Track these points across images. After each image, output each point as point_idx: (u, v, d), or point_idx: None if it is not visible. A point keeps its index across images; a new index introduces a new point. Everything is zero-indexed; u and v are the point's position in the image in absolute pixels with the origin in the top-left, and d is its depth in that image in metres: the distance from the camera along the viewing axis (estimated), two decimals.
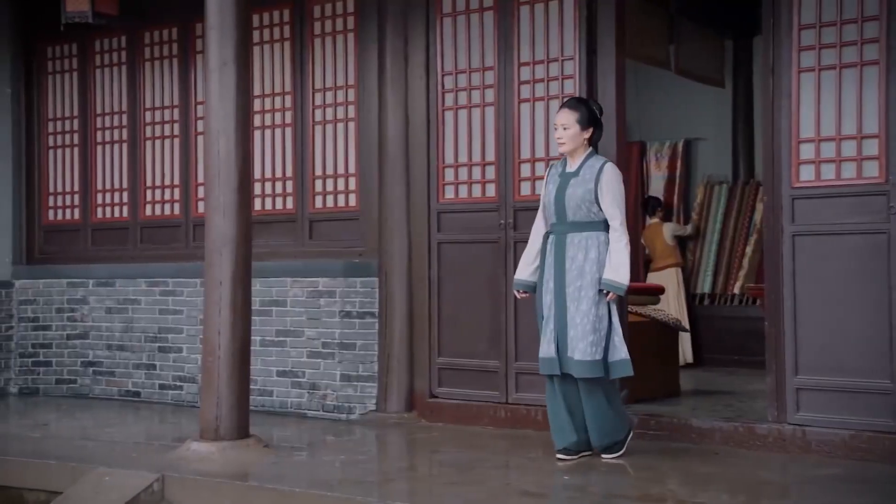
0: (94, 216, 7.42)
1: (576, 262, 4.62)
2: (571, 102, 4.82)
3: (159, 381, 6.90)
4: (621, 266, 4.57)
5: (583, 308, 4.57)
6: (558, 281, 4.64)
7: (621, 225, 4.62)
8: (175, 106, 7.05)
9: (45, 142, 7.59)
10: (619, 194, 4.67)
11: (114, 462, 4.83)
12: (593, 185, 4.63)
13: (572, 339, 4.56)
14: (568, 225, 4.66)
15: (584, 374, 4.56)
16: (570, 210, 4.65)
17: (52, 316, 7.33)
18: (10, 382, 7.38)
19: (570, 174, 4.72)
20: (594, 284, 4.57)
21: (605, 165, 4.69)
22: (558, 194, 4.70)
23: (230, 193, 5.03)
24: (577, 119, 4.71)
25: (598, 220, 4.63)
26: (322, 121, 6.47)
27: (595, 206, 4.63)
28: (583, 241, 4.62)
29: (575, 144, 4.71)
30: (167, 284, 6.92)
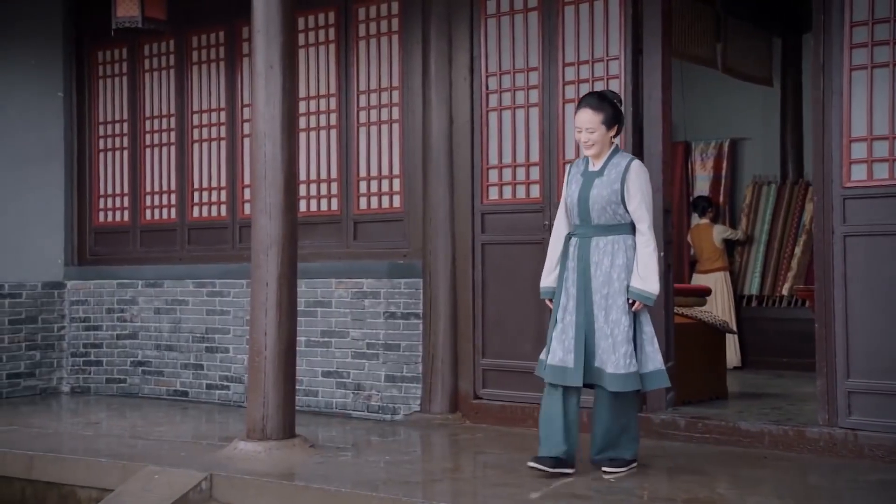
0: (143, 218, 7.53)
1: (601, 268, 4.35)
2: (593, 101, 4.42)
3: (206, 380, 6.98)
4: (650, 274, 4.29)
5: (612, 317, 4.30)
6: (582, 287, 4.37)
7: (649, 228, 4.34)
8: (221, 109, 7.14)
9: (96, 145, 7.72)
10: (648, 195, 4.39)
11: (163, 460, 4.90)
12: (619, 185, 4.33)
13: (604, 350, 4.30)
14: (592, 228, 4.38)
15: (620, 388, 4.29)
16: (595, 212, 4.36)
17: (102, 316, 7.45)
18: (62, 381, 7.53)
19: (594, 174, 4.41)
20: (623, 292, 4.31)
21: (632, 164, 4.39)
22: (582, 195, 4.40)
23: (276, 195, 5.08)
24: (603, 120, 4.38)
25: (624, 223, 4.36)
26: (366, 122, 6.50)
27: (621, 208, 4.34)
28: (609, 246, 4.35)
29: (602, 147, 4.41)
30: (214, 285, 7.00)
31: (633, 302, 4.31)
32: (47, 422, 6.25)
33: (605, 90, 4.66)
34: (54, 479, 5.01)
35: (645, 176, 4.40)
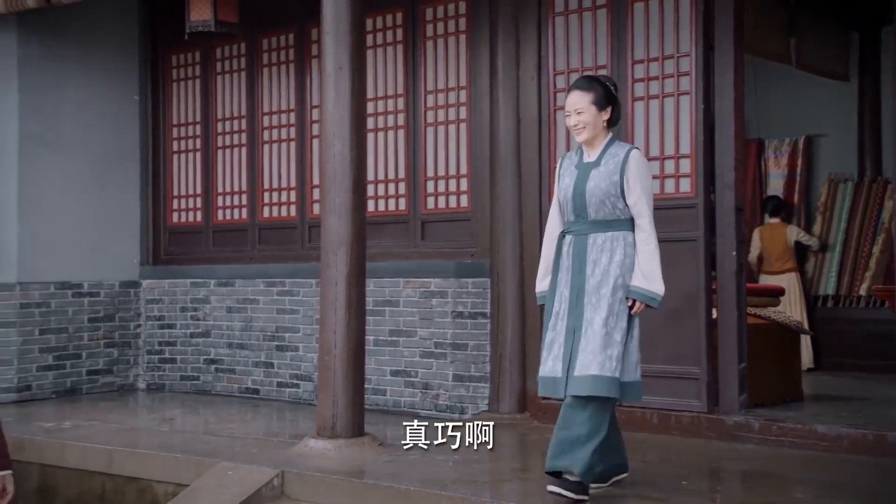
0: (215, 218, 7.67)
1: (599, 267, 3.96)
2: (582, 82, 4.10)
3: (277, 378, 7.08)
4: (653, 273, 3.93)
5: (602, 315, 3.90)
6: (576, 289, 3.98)
7: (650, 223, 3.97)
8: (291, 110, 7.23)
9: (170, 147, 7.89)
10: (648, 187, 4.02)
11: (236, 457, 4.99)
12: (618, 176, 3.96)
13: (591, 352, 3.86)
14: (589, 224, 4.00)
15: (598, 392, 3.85)
16: (593, 206, 3.98)
17: (176, 315, 7.61)
18: (138, 378, 7.71)
19: (590, 165, 4.04)
20: (617, 290, 3.92)
21: (631, 153, 4.02)
22: (577, 188, 4.02)
23: (345, 195, 5.12)
24: (593, 100, 4.01)
25: (624, 218, 3.99)
26: (434, 122, 6.52)
27: (621, 202, 3.97)
28: (607, 243, 3.97)
29: (594, 130, 4.03)
30: (284, 284, 7.09)
31: (632, 303, 3.93)
32: (125, 417, 6.41)
33: (601, 75, 4.38)
34: (132, 473, 5.13)
35: (645, 167, 4.07)
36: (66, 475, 5.38)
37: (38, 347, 7.09)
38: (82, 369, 7.37)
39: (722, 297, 5.46)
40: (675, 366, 5.51)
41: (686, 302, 5.48)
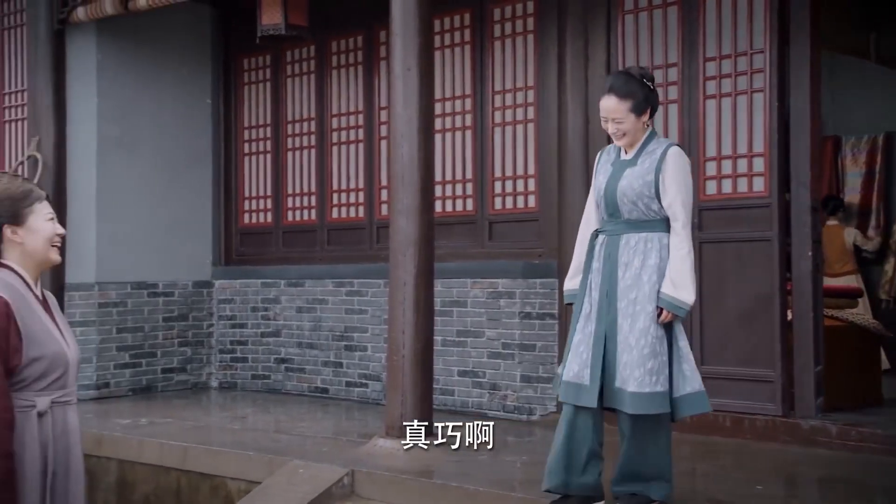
0: (285, 219, 7.78)
1: (630, 269, 3.73)
2: (618, 85, 3.78)
3: (346, 378, 7.14)
4: (684, 280, 3.66)
5: (640, 326, 3.66)
6: (606, 290, 3.77)
7: (684, 227, 3.71)
8: (360, 111, 7.29)
9: (241, 149, 8.02)
10: (686, 187, 3.75)
11: (306, 455, 5.04)
12: (653, 175, 3.72)
13: (626, 365, 3.65)
14: (622, 224, 3.79)
15: (642, 410, 3.64)
16: (625, 206, 3.77)
17: (247, 314, 7.73)
18: (211, 377, 7.86)
19: (626, 162, 3.83)
20: (653, 298, 3.68)
21: (670, 150, 3.77)
22: (610, 186, 3.82)
23: (413, 196, 5.14)
24: (630, 108, 3.75)
25: (659, 219, 3.75)
26: (502, 123, 6.51)
27: (655, 202, 3.73)
28: (640, 244, 3.75)
29: (634, 136, 3.80)
30: (353, 285, 7.15)
31: (660, 311, 3.68)
32: (198, 415, 6.53)
33: (634, 67, 4.03)
34: (206, 470, 5.23)
35: (684, 166, 3.78)
36: (143, 470, 5.51)
37: (116, 346, 7.28)
38: (157, 367, 7.54)
39: (797, 298, 5.34)
40: (748, 368, 5.41)
41: (760, 303, 5.38)
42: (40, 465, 2.71)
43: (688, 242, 3.71)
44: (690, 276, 3.68)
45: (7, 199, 2.76)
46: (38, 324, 2.74)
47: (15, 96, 7.69)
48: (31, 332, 2.71)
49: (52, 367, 2.74)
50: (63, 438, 2.78)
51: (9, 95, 7.73)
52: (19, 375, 2.68)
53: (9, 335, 2.65)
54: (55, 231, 2.84)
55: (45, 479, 2.71)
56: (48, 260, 2.84)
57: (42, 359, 2.71)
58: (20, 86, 7.62)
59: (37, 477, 2.69)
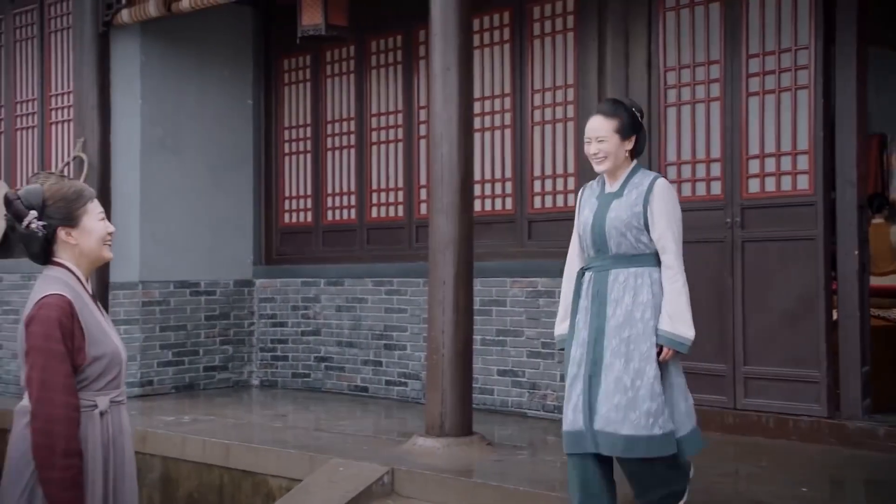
0: (325, 219, 7.82)
1: (622, 307, 3.58)
2: (606, 107, 3.76)
3: (385, 377, 7.17)
4: (681, 314, 3.54)
5: (634, 366, 3.51)
6: (595, 330, 3.61)
7: (676, 259, 3.58)
8: (399, 111, 7.31)
9: (282, 149, 8.09)
10: (675, 220, 3.63)
11: (347, 453, 5.07)
12: (641, 207, 3.61)
13: (618, 406, 3.49)
14: (610, 259, 3.65)
15: (639, 454, 3.48)
16: (613, 240, 3.63)
17: (288, 313, 7.79)
18: (252, 375, 7.94)
19: (611, 195, 3.70)
20: (648, 336, 3.53)
21: (657, 182, 3.65)
22: (597, 220, 3.68)
23: (453, 195, 5.15)
24: (616, 128, 3.67)
25: (648, 253, 3.63)
26: (541, 121, 6.49)
27: (644, 235, 3.61)
28: (630, 280, 3.60)
29: (616, 160, 3.69)
30: (392, 284, 7.18)
31: (660, 349, 3.53)
32: (240, 413, 6.60)
33: (626, 98, 3.95)
34: (248, 467, 5.28)
35: (672, 197, 3.66)
36: (186, 467, 5.58)
37: (159, 344, 7.38)
38: (200, 366, 7.62)
39: (843, 297, 5.26)
40: (792, 368, 5.35)
41: (804, 303, 5.31)
42: (102, 466, 2.72)
43: (681, 276, 3.57)
44: (687, 310, 3.55)
45: (60, 200, 2.75)
46: (96, 323, 2.75)
47: (61, 98, 7.82)
48: (91, 331, 2.71)
49: (110, 366, 2.75)
50: (119, 438, 2.80)
51: (56, 97, 7.87)
52: (81, 374, 2.69)
53: (73, 334, 2.66)
54: (107, 230, 2.83)
55: (106, 479, 2.73)
56: (102, 258, 2.85)
57: (102, 358, 2.72)
58: (66, 87, 7.75)
59: (100, 477, 2.71)
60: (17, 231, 2.75)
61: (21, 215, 2.72)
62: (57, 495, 2.60)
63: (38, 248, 2.77)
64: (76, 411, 2.64)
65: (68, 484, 2.60)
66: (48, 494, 2.61)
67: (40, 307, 2.67)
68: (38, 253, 2.78)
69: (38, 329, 2.64)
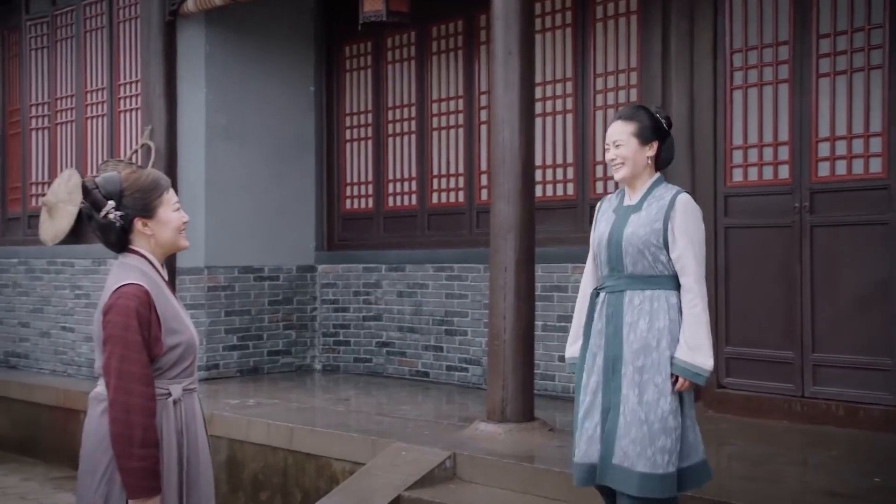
0: (386, 205, 7.86)
1: (636, 332, 3.33)
2: (626, 110, 3.52)
3: (446, 362, 7.19)
4: (700, 343, 3.26)
5: (648, 398, 3.28)
6: (610, 358, 3.37)
7: (697, 282, 3.30)
8: (460, 97, 7.30)
9: (343, 135, 8.14)
10: (697, 238, 3.34)
11: (409, 438, 5.10)
12: (661, 224, 3.33)
13: (634, 441, 3.26)
14: (625, 279, 3.38)
15: (654, 493, 3.27)
16: (629, 258, 3.36)
17: (349, 298, 7.86)
18: (314, 360, 8.03)
19: (630, 209, 3.43)
20: (663, 365, 3.28)
21: (679, 197, 3.36)
22: (613, 236, 3.41)
23: (514, 181, 5.13)
24: (634, 131, 3.40)
25: (667, 275, 3.35)
26: (603, 106, 6.42)
27: (663, 254, 3.33)
28: (646, 304, 3.34)
29: (635, 168, 3.41)
30: (453, 269, 7.19)
31: (675, 379, 3.28)
32: (303, 397, 6.68)
33: (651, 106, 3.62)
34: (312, 450, 5.35)
35: (695, 214, 3.37)
36: (251, 450, 5.68)
37: (224, 328, 7.50)
38: (263, 350, 7.74)
39: None
40: (863, 356, 5.23)
41: (875, 289, 5.18)
42: (177, 454, 2.74)
43: (702, 300, 3.30)
44: (707, 337, 3.28)
45: (138, 191, 2.73)
46: (172, 310, 2.75)
47: (129, 87, 7.97)
48: (167, 320, 2.71)
49: (185, 354, 2.76)
50: (193, 425, 2.81)
51: (124, 86, 8.03)
52: (156, 364, 2.70)
53: (150, 324, 2.66)
54: (182, 219, 2.82)
55: (181, 467, 2.75)
56: (178, 247, 2.84)
57: (178, 346, 2.73)
58: (135, 77, 7.90)
59: (174, 464, 2.73)
60: (95, 220, 2.73)
61: (99, 205, 2.70)
62: (135, 484, 2.63)
63: (115, 238, 2.75)
64: (153, 401, 2.66)
65: (146, 473, 2.63)
66: (127, 483, 2.64)
67: (118, 296, 2.67)
68: (115, 242, 2.77)
69: (116, 318, 2.64)
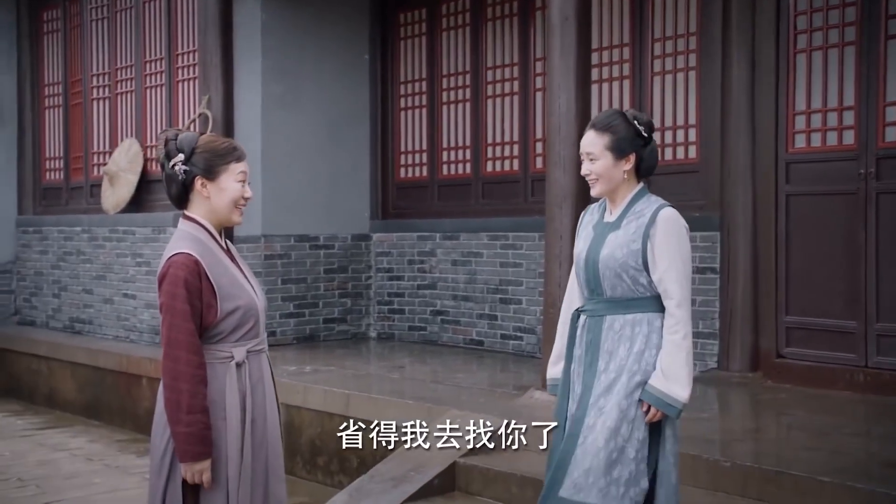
0: (441, 173, 7.85)
1: (615, 361, 2.99)
2: (600, 119, 3.07)
3: (500, 331, 7.19)
4: (678, 372, 2.92)
5: (608, 424, 2.93)
6: (587, 387, 3.03)
7: (679, 306, 2.94)
8: (514, 64, 7.23)
9: (398, 104, 8.12)
10: (680, 258, 2.97)
11: (463, 405, 5.12)
12: (640, 244, 2.97)
13: (588, 471, 2.94)
14: (605, 303, 3.04)
15: None
16: (608, 281, 3.01)
17: (404, 267, 7.89)
18: (369, 328, 8.09)
19: (609, 226, 3.06)
20: (631, 391, 2.94)
21: (661, 213, 2.99)
22: (590, 256, 3.05)
23: (570, 148, 5.07)
24: (609, 144, 3.01)
25: (649, 296, 3.00)
26: (661, 71, 6.31)
27: (643, 276, 2.98)
28: (626, 329, 3.00)
29: (611, 183, 3.03)
30: (507, 238, 7.16)
31: (647, 408, 2.94)
32: (359, 364, 6.75)
33: (630, 110, 3.17)
34: (368, 417, 5.39)
35: (679, 230, 2.99)
36: (308, 415, 5.75)
37: (281, 296, 7.59)
38: (319, 318, 7.82)
39: None
40: None
41: None
42: (240, 414, 2.79)
43: (684, 327, 2.94)
44: (685, 367, 2.93)
45: (208, 151, 2.80)
46: (228, 276, 2.79)
47: (187, 56, 8.05)
48: (223, 286, 2.76)
49: (245, 318, 2.80)
50: (259, 386, 2.86)
51: (182, 55, 8.10)
52: (215, 329, 2.76)
53: (202, 293, 2.71)
54: (243, 193, 2.84)
55: (243, 427, 2.80)
56: (229, 221, 2.87)
57: (236, 311, 2.77)
58: (192, 46, 7.97)
59: (237, 425, 2.78)
60: (165, 170, 2.83)
61: (170, 155, 2.80)
62: (184, 449, 2.70)
63: (175, 192, 2.83)
64: (200, 369, 2.71)
65: (194, 438, 2.69)
66: (177, 448, 2.71)
67: (169, 265, 2.73)
68: (175, 196, 2.85)
69: (167, 288, 2.71)
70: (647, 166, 3.07)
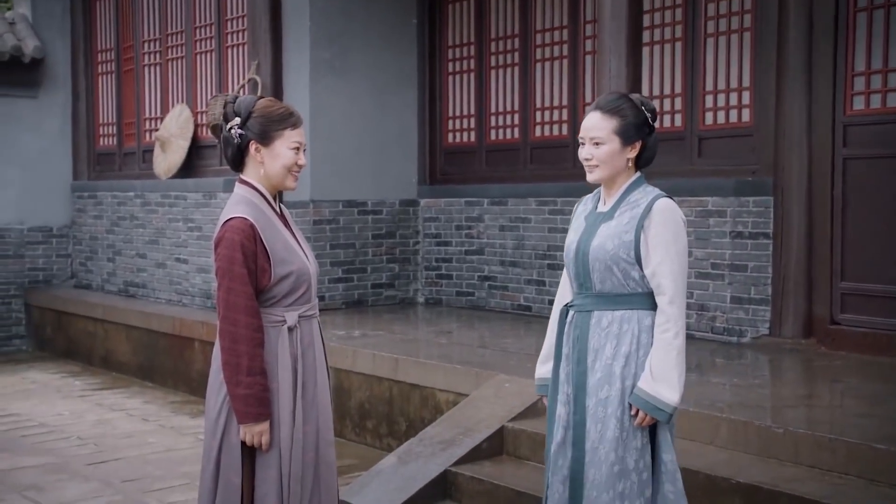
0: (489, 138, 7.80)
1: (601, 359, 2.85)
2: (607, 101, 2.91)
3: (548, 296, 7.16)
4: (667, 373, 2.77)
5: (608, 435, 2.82)
6: (575, 387, 2.90)
7: (671, 303, 2.79)
8: (564, 27, 7.13)
9: (446, 69, 8.08)
10: (676, 252, 2.81)
11: (511, 370, 5.13)
12: (633, 235, 2.82)
13: (593, 484, 2.83)
14: (593, 298, 2.89)
15: None
16: (597, 275, 2.87)
17: (451, 233, 7.89)
18: (417, 293, 8.13)
19: (601, 217, 2.92)
20: (626, 397, 2.81)
21: (657, 203, 2.84)
22: (580, 247, 2.91)
23: None
24: (617, 129, 2.86)
25: (641, 293, 2.85)
26: (714, 33, 6.18)
27: (636, 270, 2.83)
28: (614, 326, 2.85)
29: (612, 169, 2.88)
30: (555, 203, 7.12)
31: (636, 411, 2.80)
32: (407, 329, 6.79)
33: (637, 95, 3.00)
34: (416, 381, 5.44)
35: (675, 223, 2.83)
36: (357, 379, 5.81)
37: (329, 261, 7.64)
38: (367, 283, 7.86)
39: None
40: None
41: None
42: (292, 378, 2.83)
43: (675, 324, 2.79)
44: (676, 368, 2.77)
45: (263, 117, 2.82)
46: (282, 241, 2.83)
47: (236, 21, 8.07)
48: (276, 251, 2.79)
49: (298, 282, 2.84)
50: (310, 351, 2.90)
51: (231, 21, 8.13)
52: (269, 293, 2.80)
53: (257, 256, 2.75)
54: (296, 161, 2.86)
55: (295, 391, 2.84)
56: (283, 186, 2.90)
57: (289, 276, 2.81)
58: (241, 12, 7.99)
59: (289, 388, 2.82)
60: (223, 132, 2.88)
61: (227, 118, 2.86)
62: (243, 410, 2.75)
63: (231, 154, 2.88)
64: (259, 331, 2.75)
65: (254, 400, 2.74)
66: (235, 409, 2.77)
67: (225, 230, 2.77)
68: (231, 159, 2.90)
69: (224, 251, 2.75)
70: (648, 156, 2.92)
